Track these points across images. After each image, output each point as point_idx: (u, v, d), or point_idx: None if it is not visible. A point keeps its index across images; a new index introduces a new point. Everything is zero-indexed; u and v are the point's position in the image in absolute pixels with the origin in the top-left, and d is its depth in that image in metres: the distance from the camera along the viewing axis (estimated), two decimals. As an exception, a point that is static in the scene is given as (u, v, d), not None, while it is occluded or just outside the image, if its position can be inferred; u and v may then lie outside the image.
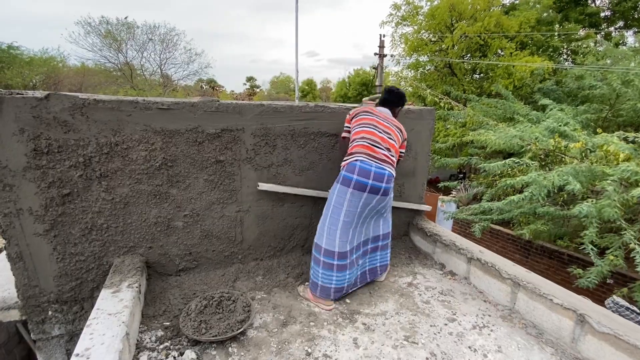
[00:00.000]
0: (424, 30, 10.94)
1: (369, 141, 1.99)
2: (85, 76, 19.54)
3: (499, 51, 9.86)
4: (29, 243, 1.78)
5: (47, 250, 1.83)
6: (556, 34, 10.25)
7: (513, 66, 8.73)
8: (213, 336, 1.63)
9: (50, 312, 1.94)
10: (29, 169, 1.70)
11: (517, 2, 11.52)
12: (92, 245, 1.92)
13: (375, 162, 1.93)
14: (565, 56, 10.69)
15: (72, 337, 2.02)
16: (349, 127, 2.17)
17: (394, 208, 2.37)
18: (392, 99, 2.25)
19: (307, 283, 2.18)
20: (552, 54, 10.17)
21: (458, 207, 7.65)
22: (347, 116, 2.21)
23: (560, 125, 4.53)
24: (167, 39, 20.12)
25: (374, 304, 2.05)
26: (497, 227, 7.31)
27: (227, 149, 2.10)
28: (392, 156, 2.04)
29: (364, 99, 3.57)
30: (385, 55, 12.24)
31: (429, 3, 10.73)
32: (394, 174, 2.02)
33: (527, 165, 4.37)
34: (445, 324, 1.87)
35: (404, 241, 2.85)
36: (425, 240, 2.70)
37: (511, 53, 9.25)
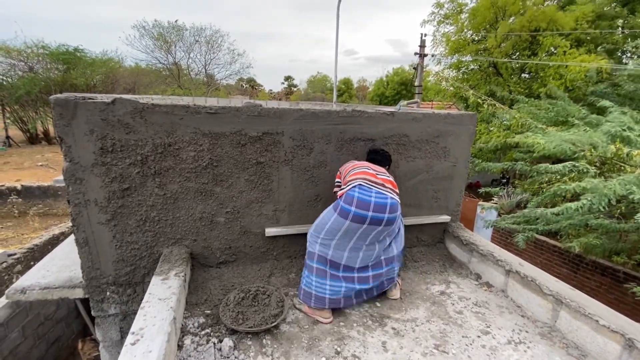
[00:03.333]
0: (466, 29, 10.48)
1: (362, 168, 1.96)
2: (139, 76, 21.09)
3: (552, 49, 9.18)
4: (93, 230, 2.01)
5: (108, 237, 2.05)
6: (620, 30, 9.32)
7: (566, 66, 8.08)
8: (249, 327, 1.74)
9: (108, 293, 2.17)
10: (96, 165, 1.92)
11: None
12: (145, 235, 2.12)
13: (375, 187, 1.84)
14: (629, 54, 9.69)
15: (125, 317, 2.24)
16: (340, 182, 2.09)
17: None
18: (379, 158, 2.23)
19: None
20: (611, 51, 9.25)
21: (499, 215, 7.28)
22: (338, 173, 2.18)
23: (623, 130, 4.14)
24: (212, 40, 21.16)
25: (404, 309, 2.06)
26: (543, 238, 6.85)
27: (267, 151, 2.21)
28: (393, 187, 1.96)
29: (401, 102, 3.55)
30: (426, 55, 11.90)
31: (473, 0, 10.27)
32: (399, 201, 1.90)
33: (585, 171, 4.05)
34: (478, 336, 1.83)
35: (438, 248, 2.80)
36: (461, 249, 2.63)
37: (565, 52, 8.56)
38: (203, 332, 1.75)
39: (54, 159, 14.10)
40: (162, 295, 1.70)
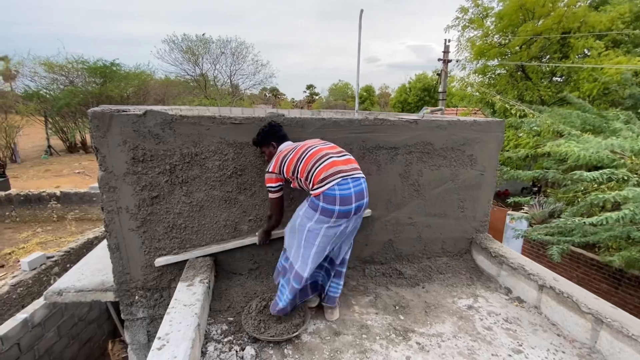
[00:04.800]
0: (492, 34, 10.22)
1: (326, 158, 1.76)
2: (168, 87, 22.09)
3: (585, 51, 8.75)
4: (124, 236, 2.10)
5: (137, 243, 2.13)
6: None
7: (601, 69, 7.66)
8: (271, 336, 1.74)
9: (136, 297, 2.25)
10: (128, 174, 2.01)
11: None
12: (172, 241, 2.18)
13: (350, 177, 1.73)
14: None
15: (152, 321, 2.31)
16: (280, 185, 1.92)
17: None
18: (285, 132, 2.04)
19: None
20: None
21: (530, 225, 6.94)
22: (270, 176, 1.90)
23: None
24: (237, 52, 21.87)
25: (429, 323, 1.99)
26: (579, 251, 6.45)
27: (289, 160, 2.23)
28: (355, 163, 1.85)
29: (424, 109, 3.48)
30: (450, 61, 11.69)
31: (500, 3, 10.00)
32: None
33: (625, 179, 3.78)
34: (510, 355, 1.73)
35: (465, 260, 2.69)
36: (490, 261, 2.52)
37: (600, 53, 8.13)
38: (226, 340, 1.77)
39: (89, 167, 14.95)
40: (187, 302, 1.74)
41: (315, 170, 1.74)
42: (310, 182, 1.76)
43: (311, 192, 1.75)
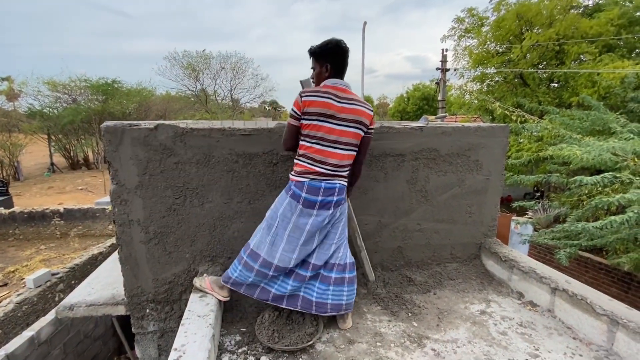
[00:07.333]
0: (489, 42, 10.41)
1: (318, 162, 1.80)
2: (169, 103, 22.41)
3: (581, 57, 8.89)
4: (136, 249, 2.11)
5: (149, 256, 2.13)
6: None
7: (597, 74, 7.76)
8: (285, 346, 1.73)
9: (147, 310, 2.24)
10: (139, 187, 2.03)
11: (602, 1, 10.34)
12: (183, 253, 2.19)
13: (324, 179, 1.81)
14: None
15: (163, 334, 2.29)
16: (299, 115, 1.79)
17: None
18: (346, 64, 1.88)
19: (205, 275, 2.08)
20: None
21: (536, 230, 6.91)
22: (298, 101, 1.78)
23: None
24: (237, 66, 22.26)
25: (443, 329, 1.97)
26: (586, 255, 6.42)
27: (298, 169, 2.26)
28: (345, 166, 1.86)
29: (424, 117, 3.53)
30: (448, 70, 11.87)
31: (495, 13, 10.22)
32: (346, 185, 1.90)
33: (628, 182, 3.80)
34: (527, 359, 1.72)
35: (474, 265, 2.69)
36: (500, 266, 2.51)
37: (595, 58, 8.26)
38: (240, 350, 1.76)
39: (92, 183, 15.02)
40: (201, 312, 1.74)
41: (309, 157, 1.81)
42: (299, 156, 1.85)
43: (290, 174, 1.88)
